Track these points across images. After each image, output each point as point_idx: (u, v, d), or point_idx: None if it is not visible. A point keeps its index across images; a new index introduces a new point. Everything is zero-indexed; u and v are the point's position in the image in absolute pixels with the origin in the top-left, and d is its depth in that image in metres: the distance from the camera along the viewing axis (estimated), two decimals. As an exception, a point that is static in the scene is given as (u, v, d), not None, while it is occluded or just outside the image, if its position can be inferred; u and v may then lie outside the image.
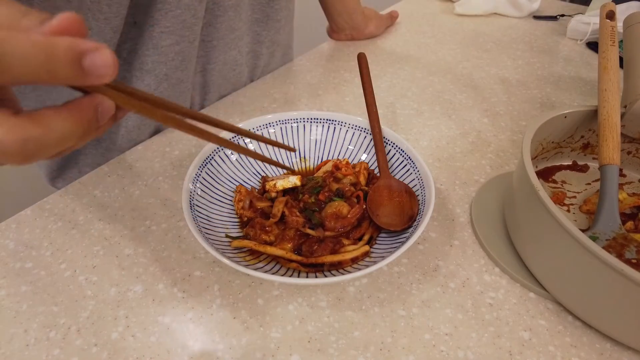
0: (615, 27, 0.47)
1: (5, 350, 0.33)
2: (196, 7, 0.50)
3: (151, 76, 0.52)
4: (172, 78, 0.54)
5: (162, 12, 0.48)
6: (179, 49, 0.52)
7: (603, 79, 0.44)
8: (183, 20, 0.49)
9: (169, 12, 0.48)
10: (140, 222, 0.44)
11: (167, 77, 0.53)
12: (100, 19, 0.44)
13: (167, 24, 0.49)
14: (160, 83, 0.53)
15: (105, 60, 0.20)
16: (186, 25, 0.50)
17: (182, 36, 0.51)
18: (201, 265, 0.40)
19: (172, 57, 0.52)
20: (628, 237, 0.37)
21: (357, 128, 0.50)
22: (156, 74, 0.52)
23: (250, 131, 0.36)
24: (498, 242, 0.42)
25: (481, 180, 0.50)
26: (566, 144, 0.50)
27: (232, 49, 0.62)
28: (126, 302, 0.37)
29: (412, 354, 0.34)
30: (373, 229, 0.42)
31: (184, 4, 0.48)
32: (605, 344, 0.35)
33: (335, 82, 0.70)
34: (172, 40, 0.50)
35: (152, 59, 0.51)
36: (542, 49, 0.84)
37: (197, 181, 0.42)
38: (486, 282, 0.39)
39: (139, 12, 0.48)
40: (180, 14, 0.49)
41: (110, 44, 0.47)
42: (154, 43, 0.50)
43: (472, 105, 0.65)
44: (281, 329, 0.35)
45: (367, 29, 0.84)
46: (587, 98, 0.68)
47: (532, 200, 0.35)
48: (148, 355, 0.33)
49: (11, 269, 0.39)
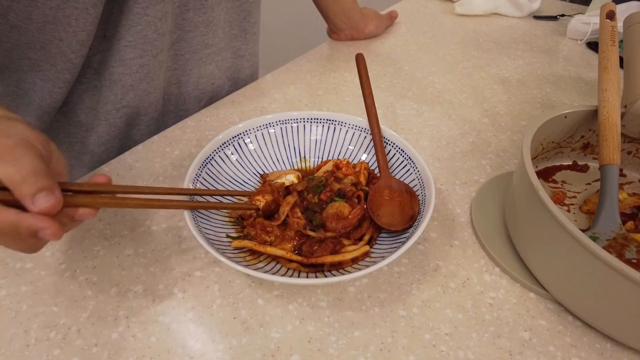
0: (616, 27, 0.47)
1: (6, 350, 0.33)
2: (156, 24, 0.53)
3: (118, 86, 0.55)
4: (138, 89, 0.57)
5: (127, 27, 0.51)
6: (142, 62, 0.55)
7: (603, 79, 0.44)
8: (145, 36, 0.53)
9: (132, 27, 0.51)
10: (140, 222, 0.44)
11: (133, 88, 0.56)
12: (69, 32, 0.47)
13: (130, 38, 0.52)
14: (126, 93, 0.56)
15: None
16: (148, 40, 0.53)
17: (145, 50, 0.54)
18: (201, 265, 0.40)
19: (136, 70, 0.55)
20: (628, 237, 0.37)
21: (357, 128, 0.50)
22: (122, 85, 0.55)
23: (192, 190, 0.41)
24: (498, 242, 0.42)
25: (481, 180, 0.50)
26: (566, 144, 0.50)
27: (207, 64, 0.64)
28: (126, 302, 0.37)
29: (412, 354, 0.34)
30: (373, 229, 0.42)
31: (144, 20, 0.51)
32: (606, 344, 0.35)
33: (335, 82, 0.70)
34: (135, 54, 0.53)
35: (118, 70, 0.54)
36: (542, 49, 0.84)
37: (197, 181, 0.42)
38: (486, 282, 0.39)
39: (110, 26, 0.51)
40: (141, 29, 0.52)
41: (78, 54, 0.50)
42: (120, 56, 0.53)
43: (472, 105, 0.65)
44: (281, 329, 0.35)
45: (366, 28, 0.83)
46: (587, 98, 0.68)
47: (532, 200, 0.35)
48: (148, 355, 0.33)
49: (11, 269, 0.39)
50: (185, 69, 0.63)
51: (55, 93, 0.53)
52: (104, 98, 0.55)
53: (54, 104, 0.54)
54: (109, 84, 0.55)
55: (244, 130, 0.48)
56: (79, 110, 0.57)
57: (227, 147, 0.47)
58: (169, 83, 0.62)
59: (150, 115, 0.61)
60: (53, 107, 0.54)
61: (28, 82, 0.52)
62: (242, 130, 0.48)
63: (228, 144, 0.47)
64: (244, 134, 0.48)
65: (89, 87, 0.55)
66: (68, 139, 0.58)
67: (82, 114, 0.57)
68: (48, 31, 0.47)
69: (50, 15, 0.45)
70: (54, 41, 0.48)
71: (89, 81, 0.55)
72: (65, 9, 0.45)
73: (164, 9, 0.53)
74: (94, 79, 0.55)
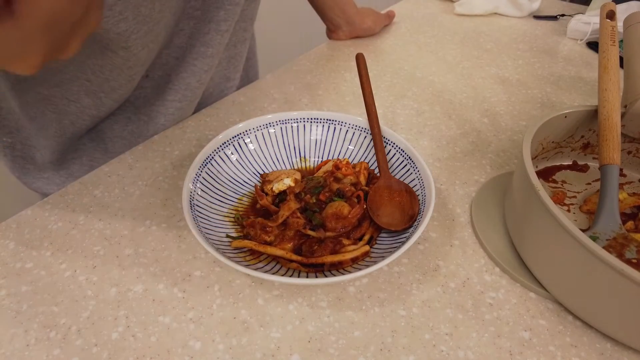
0: (616, 26, 0.47)
1: (6, 350, 0.33)
2: (201, 75, 0.55)
3: (151, 124, 0.57)
4: (168, 129, 0.59)
5: (175, 72, 0.54)
6: (180, 106, 0.57)
7: (603, 79, 0.44)
8: (188, 83, 0.55)
9: (179, 74, 0.54)
10: (140, 222, 0.44)
11: (164, 127, 0.58)
12: (100, 77, 0.48)
13: (176, 82, 0.55)
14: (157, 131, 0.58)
15: None
16: (190, 88, 0.56)
17: (185, 96, 0.56)
18: (201, 265, 0.40)
19: (172, 112, 0.57)
20: (628, 237, 0.37)
21: (357, 128, 0.50)
22: (155, 123, 0.57)
23: None
24: (498, 242, 0.42)
25: (481, 180, 0.50)
26: (566, 143, 0.50)
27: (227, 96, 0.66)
28: (126, 302, 0.37)
29: (412, 354, 0.34)
30: (373, 229, 0.42)
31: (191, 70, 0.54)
32: (606, 344, 0.35)
33: (335, 82, 0.70)
34: (175, 97, 0.56)
35: (156, 109, 0.56)
36: (542, 49, 0.84)
37: (197, 181, 0.42)
38: (486, 282, 0.39)
39: (154, 68, 0.53)
40: (187, 77, 0.55)
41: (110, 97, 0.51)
42: (161, 96, 0.55)
43: (472, 105, 0.65)
44: (281, 329, 0.35)
45: (364, 23, 0.83)
46: (587, 98, 0.68)
47: (532, 200, 0.35)
48: (148, 355, 0.33)
49: (11, 269, 0.39)
50: (208, 103, 0.65)
51: (78, 124, 0.53)
52: (136, 131, 0.57)
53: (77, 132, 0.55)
54: (145, 120, 0.56)
55: (244, 130, 0.48)
56: (107, 138, 0.57)
57: (227, 147, 0.47)
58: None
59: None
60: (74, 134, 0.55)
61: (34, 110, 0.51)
62: (242, 130, 0.48)
63: (228, 143, 0.47)
64: (244, 133, 0.48)
65: (121, 118, 0.56)
66: (90, 162, 0.58)
67: (110, 142, 0.58)
68: (70, 71, 0.47)
69: (77, 59, 0.45)
70: (77, 80, 0.48)
71: (122, 113, 0.56)
72: (98, 60, 0.45)
73: (210, 63, 0.55)
74: (128, 112, 0.56)
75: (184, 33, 0.52)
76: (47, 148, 0.54)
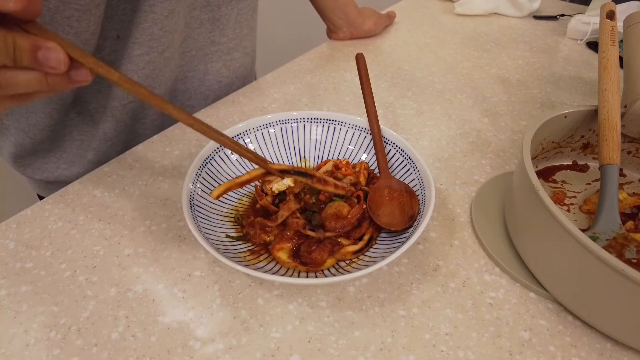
0: (616, 27, 0.47)
1: (6, 350, 0.33)
2: (163, 22, 0.53)
3: None
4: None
5: (135, 25, 0.52)
6: (149, 59, 0.55)
7: (603, 79, 0.44)
8: (151, 33, 0.53)
9: (139, 24, 0.52)
10: (140, 222, 0.44)
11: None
12: (70, 33, 0.47)
13: (138, 35, 0.53)
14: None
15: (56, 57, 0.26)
16: (154, 37, 0.54)
17: (151, 47, 0.54)
18: (201, 265, 0.40)
19: (142, 66, 0.55)
20: (628, 237, 0.37)
21: (357, 128, 0.50)
22: None
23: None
24: (498, 242, 0.42)
25: (481, 180, 0.50)
26: (566, 143, 0.50)
27: (214, 61, 0.65)
28: (126, 302, 0.37)
29: (412, 354, 0.34)
30: (373, 229, 0.42)
31: (151, 18, 0.52)
32: (605, 344, 0.35)
33: (335, 82, 0.70)
34: (142, 51, 0.54)
35: (126, 67, 0.54)
36: (542, 49, 0.84)
37: (197, 181, 0.42)
38: (486, 282, 0.39)
39: (122, 27, 0.52)
40: (148, 27, 0.53)
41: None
42: (128, 53, 0.53)
43: (472, 105, 0.65)
44: (281, 329, 0.35)
45: (365, 25, 0.83)
46: (587, 98, 0.68)
47: (532, 200, 0.35)
48: (148, 355, 0.33)
49: (11, 269, 0.39)
50: (191, 65, 0.63)
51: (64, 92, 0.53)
52: (112, 95, 0.56)
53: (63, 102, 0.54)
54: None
55: (244, 130, 0.48)
56: (91, 108, 0.57)
57: (227, 147, 0.47)
58: (175, 79, 0.63)
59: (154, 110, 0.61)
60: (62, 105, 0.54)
61: None
62: (242, 130, 0.48)
63: (228, 144, 0.47)
64: (244, 133, 0.48)
65: (102, 86, 0.55)
66: (80, 137, 0.58)
67: (94, 111, 0.57)
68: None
69: (47, 16, 0.45)
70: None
71: (101, 80, 0.55)
72: (65, 11, 0.45)
73: (170, 7, 0.53)
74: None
75: None
76: (37, 126, 0.55)
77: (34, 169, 0.60)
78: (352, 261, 0.39)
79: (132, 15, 0.51)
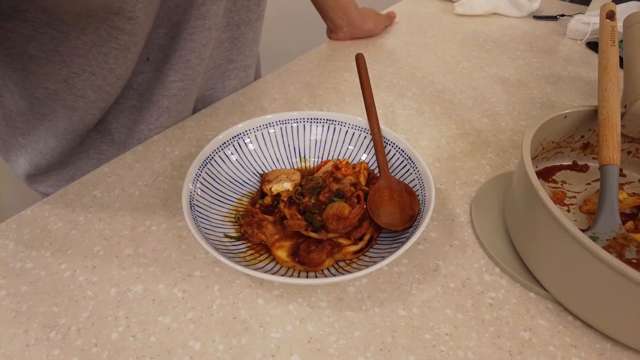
0: (615, 27, 0.47)
1: (6, 350, 0.33)
2: (200, 50, 0.54)
3: (155, 107, 0.56)
4: (173, 111, 0.58)
5: (172, 51, 0.52)
6: (182, 86, 0.56)
7: (603, 79, 0.44)
8: (187, 60, 0.54)
9: (177, 52, 0.52)
10: (140, 222, 0.44)
11: (169, 110, 0.57)
12: (105, 68, 0.47)
13: (174, 62, 0.53)
14: (161, 115, 0.57)
15: None
16: (190, 65, 0.54)
17: (185, 74, 0.55)
18: (201, 265, 0.40)
19: (174, 93, 0.56)
20: (628, 237, 0.37)
21: (357, 128, 0.50)
22: (159, 106, 0.56)
23: None
24: (498, 242, 0.42)
25: (481, 180, 0.50)
26: (566, 144, 0.50)
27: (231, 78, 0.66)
28: (126, 302, 0.37)
29: (412, 354, 0.34)
30: (373, 229, 0.42)
31: (189, 46, 0.52)
32: (605, 344, 0.35)
33: (335, 82, 0.70)
34: (176, 77, 0.54)
35: (158, 92, 0.54)
36: (542, 49, 0.84)
37: (197, 181, 0.42)
38: (486, 282, 0.39)
39: (154, 50, 0.52)
40: (185, 54, 0.53)
41: (115, 86, 0.50)
42: (162, 78, 0.54)
43: (472, 105, 0.65)
44: (281, 329, 0.35)
45: (365, 25, 0.83)
46: (587, 98, 0.68)
47: (532, 200, 0.35)
48: (148, 355, 0.33)
49: (11, 269, 0.39)
50: (209, 84, 0.64)
51: (88, 119, 0.53)
52: (140, 118, 0.56)
53: (87, 127, 0.54)
54: (148, 105, 0.55)
55: (244, 130, 0.48)
56: (113, 129, 0.57)
57: (227, 147, 0.47)
58: (197, 101, 0.63)
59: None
60: (84, 130, 0.54)
61: (44, 107, 0.51)
62: (242, 130, 0.48)
63: (228, 144, 0.47)
64: (244, 134, 0.48)
65: (126, 107, 0.55)
66: (97, 155, 0.58)
67: (116, 132, 0.57)
68: (75, 65, 0.46)
69: (82, 49, 0.44)
70: (83, 74, 0.47)
71: (127, 101, 0.55)
72: (102, 47, 0.44)
73: (208, 36, 0.54)
74: (133, 99, 0.55)
75: (179, 9, 0.51)
76: (55, 150, 0.54)
77: (46, 186, 0.59)
78: (352, 261, 0.39)
79: (170, 42, 0.51)
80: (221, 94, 0.65)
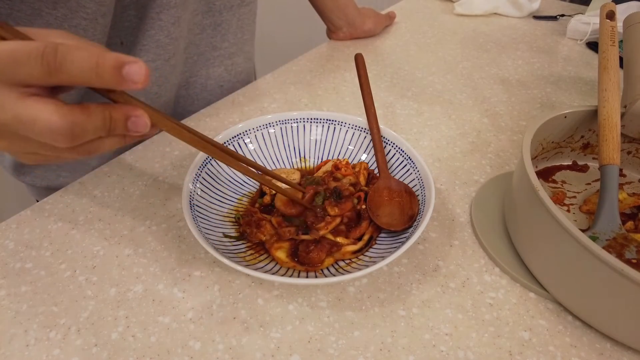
0: (615, 27, 0.47)
1: (5, 350, 0.33)
2: (169, 29, 0.54)
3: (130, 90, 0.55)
4: (149, 93, 0.57)
5: (142, 32, 0.52)
6: (155, 66, 0.55)
7: (603, 79, 0.44)
8: (157, 40, 0.54)
9: (146, 31, 0.52)
10: (140, 222, 0.44)
11: (144, 92, 0.57)
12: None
13: (144, 42, 0.53)
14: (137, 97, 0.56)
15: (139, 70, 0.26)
16: (160, 45, 0.54)
17: (157, 54, 0.55)
18: (201, 265, 0.40)
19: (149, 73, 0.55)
20: (628, 237, 0.37)
21: (357, 128, 0.50)
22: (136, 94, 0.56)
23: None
24: (498, 242, 0.42)
25: (481, 180, 0.50)
26: (566, 144, 0.50)
27: (216, 66, 0.65)
28: (126, 302, 0.37)
29: (412, 354, 0.34)
30: (373, 229, 0.42)
31: (157, 25, 0.52)
32: (605, 344, 0.35)
33: (335, 82, 0.70)
34: (148, 58, 0.54)
35: None
36: (542, 49, 0.84)
37: (197, 181, 0.42)
38: (486, 282, 0.39)
39: (127, 33, 0.52)
40: (154, 34, 0.53)
41: None
42: None
43: (472, 105, 0.65)
44: (281, 329, 0.35)
45: (365, 25, 0.83)
46: (587, 98, 0.68)
47: (532, 200, 0.35)
48: (148, 355, 0.33)
49: (11, 269, 0.39)
50: (193, 71, 0.63)
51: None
52: None
53: None
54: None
55: (244, 130, 0.48)
56: None
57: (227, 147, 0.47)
58: (179, 86, 0.63)
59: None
60: None
61: None
62: (242, 130, 0.48)
63: (228, 144, 0.47)
64: (244, 134, 0.48)
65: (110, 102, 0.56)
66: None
67: None
68: None
69: (55, 25, 0.45)
70: None
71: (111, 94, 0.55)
72: (73, 19, 0.45)
73: (176, 14, 0.53)
74: None
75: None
76: None
77: (33, 177, 0.59)
78: (351, 261, 0.39)
79: (138, 23, 0.51)
80: (205, 80, 0.65)
